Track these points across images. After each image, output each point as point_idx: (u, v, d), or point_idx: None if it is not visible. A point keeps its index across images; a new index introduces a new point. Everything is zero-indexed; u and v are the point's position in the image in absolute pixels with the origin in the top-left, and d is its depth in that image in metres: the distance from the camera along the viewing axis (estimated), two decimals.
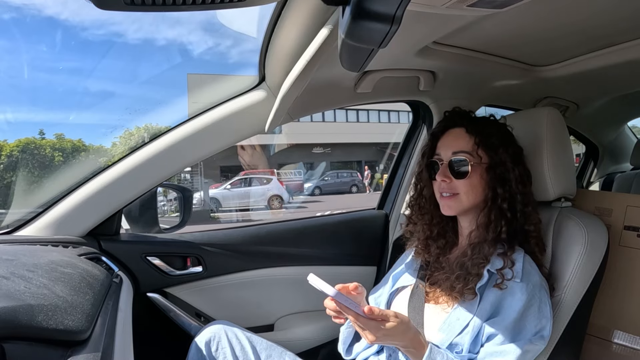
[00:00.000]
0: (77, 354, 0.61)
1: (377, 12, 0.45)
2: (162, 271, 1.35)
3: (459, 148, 1.00)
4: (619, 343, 1.21)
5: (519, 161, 1.01)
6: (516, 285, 0.91)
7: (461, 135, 1.01)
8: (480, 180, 0.99)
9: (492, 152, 0.99)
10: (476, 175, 0.99)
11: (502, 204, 0.97)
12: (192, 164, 1.31)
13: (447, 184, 1.00)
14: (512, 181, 0.98)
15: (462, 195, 1.00)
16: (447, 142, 1.03)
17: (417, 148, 1.67)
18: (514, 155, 1.00)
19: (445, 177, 1.00)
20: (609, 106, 2.06)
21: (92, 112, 19.43)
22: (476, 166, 0.98)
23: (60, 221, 1.19)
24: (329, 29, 0.79)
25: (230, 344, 1.12)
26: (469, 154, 0.99)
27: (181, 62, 23.55)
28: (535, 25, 1.06)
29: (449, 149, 1.01)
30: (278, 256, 1.51)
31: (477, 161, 0.98)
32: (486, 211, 0.99)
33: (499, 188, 0.98)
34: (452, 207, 1.02)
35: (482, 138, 0.99)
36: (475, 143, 0.99)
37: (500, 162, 0.98)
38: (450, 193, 1.01)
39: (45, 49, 20.54)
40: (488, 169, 0.99)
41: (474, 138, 0.99)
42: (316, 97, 1.31)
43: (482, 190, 1.00)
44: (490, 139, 0.99)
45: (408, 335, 0.85)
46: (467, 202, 1.00)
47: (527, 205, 0.99)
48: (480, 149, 0.99)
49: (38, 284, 0.70)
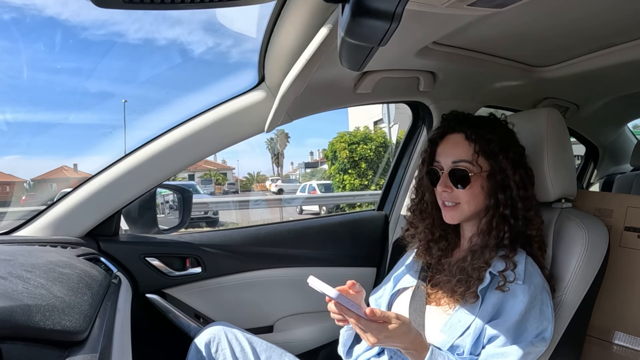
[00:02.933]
0: (74, 355, 0.60)
1: (377, 10, 0.44)
2: (161, 272, 1.34)
3: (459, 157, 0.98)
4: (619, 344, 1.20)
5: (520, 164, 1.00)
6: (518, 287, 0.91)
7: (460, 142, 1.00)
8: (481, 189, 0.98)
9: (492, 159, 0.97)
10: (477, 184, 0.98)
11: (504, 210, 0.96)
12: (192, 165, 1.30)
13: (449, 194, 1.00)
14: (513, 187, 0.97)
15: (464, 205, 0.99)
16: (447, 150, 1.02)
17: (416, 149, 1.67)
18: (515, 159, 0.99)
19: (447, 187, 0.99)
20: (609, 107, 2.06)
21: (91, 112, 19.54)
22: (476, 175, 0.97)
23: (58, 222, 1.19)
24: (328, 28, 0.79)
25: (230, 345, 1.12)
26: (470, 163, 0.97)
27: (181, 62, 23.64)
28: (535, 26, 1.06)
29: (449, 158, 1.00)
30: (277, 257, 1.50)
31: (478, 170, 0.97)
32: (488, 218, 0.98)
33: (500, 194, 0.97)
34: (454, 217, 1.01)
35: (482, 145, 0.97)
36: (475, 151, 0.97)
37: (501, 170, 0.97)
38: (453, 203, 1.00)
39: (44, 48, 20.60)
40: (489, 177, 0.98)
41: (474, 145, 0.98)
42: (316, 97, 1.31)
43: (483, 199, 0.99)
44: (490, 145, 0.97)
45: (409, 337, 0.85)
46: (469, 210, 1.00)
47: (529, 210, 0.98)
48: (481, 157, 0.97)
49: (36, 284, 0.70)
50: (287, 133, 50.17)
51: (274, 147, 50.75)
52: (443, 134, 1.04)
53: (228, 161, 45.59)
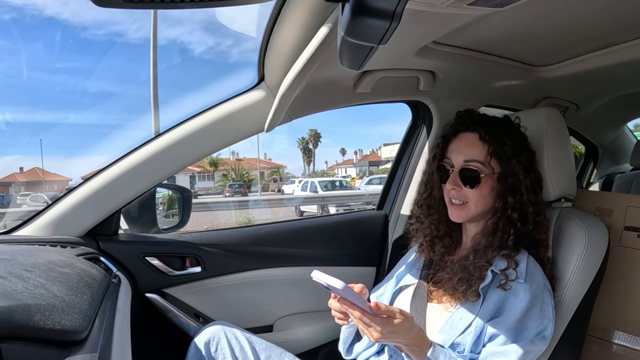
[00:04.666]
0: (74, 354, 0.60)
1: (377, 9, 0.44)
2: (161, 271, 1.34)
3: (471, 157, 0.98)
4: (619, 344, 1.20)
5: (531, 168, 1.00)
6: (520, 286, 0.91)
7: (474, 142, 0.99)
8: (491, 191, 0.98)
9: (504, 162, 0.97)
10: (487, 185, 0.97)
11: (512, 213, 0.96)
12: (191, 164, 1.30)
13: (457, 192, 0.99)
14: (524, 192, 0.96)
15: (471, 204, 0.99)
16: (459, 148, 1.01)
17: (416, 149, 1.67)
18: (527, 164, 0.99)
19: (456, 186, 0.99)
20: (609, 106, 2.06)
21: (90, 111, 19.52)
22: (487, 177, 0.97)
23: (58, 221, 1.19)
24: (328, 27, 0.79)
25: (229, 345, 1.12)
26: (482, 164, 0.97)
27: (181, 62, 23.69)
28: (534, 25, 1.06)
29: (461, 156, 0.99)
30: (277, 256, 1.50)
31: (489, 172, 0.97)
32: (495, 219, 0.98)
33: (509, 198, 0.96)
34: (460, 216, 1.01)
35: (496, 147, 0.96)
36: (488, 153, 0.96)
37: (512, 173, 0.97)
38: (460, 201, 1.00)
39: (43, 48, 20.62)
40: (499, 179, 0.97)
41: (487, 147, 0.97)
42: (315, 97, 1.31)
43: (492, 200, 0.99)
44: (504, 148, 0.97)
45: (412, 332, 0.85)
46: (476, 210, 0.99)
47: (539, 214, 0.98)
48: (493, 159, 0.97)
49: (35, 284, 0.70)
50: (319, 133, 50.65)
51: (305, 147, 51.31)
52: (456, 132, 1.03)
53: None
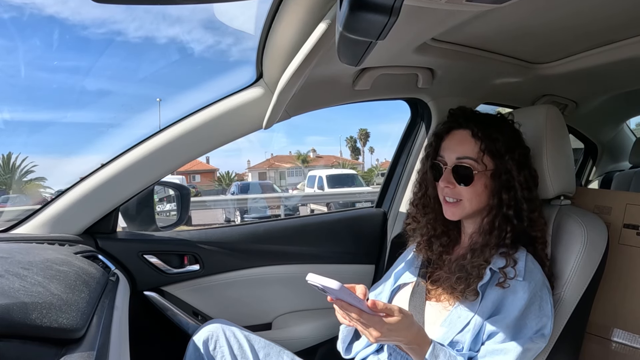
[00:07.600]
0: (71, 353, 0.60)
1: (375, 3, 0.44)
2: (159, 269, 1.34)
3: (464, 154, 0.98)
4: (618, 341, 1.20)
5: (525, 165, 0.99)
6: (518, 284, 0.90)
7: (466, 139, 0.99)
8: (485, 188, 0.98)
9: (497, 159, 0.97)
10: (480, 182, 0.97)
11: (508, 210, 0.96)
12: (190, 162, 1.30)
13: (451, 190, 0.99)
14: (518, 188, 0.96)
15: (465, 202, 0.99)
16: (452, 146, 1.01)
17: (415, 146, 1.67)
18: (520, 160, 0.98)
19: (449, 183, 0.99)
20: (608, 104, 2.06)
21: (88, 110, 19.45)
22: (481, 174, 0.97)
23: (56, 219, 1.19)
24: (326, 23, 0.79)
25: (228, 343, 1.12)
26: (474, 160, 0.97)
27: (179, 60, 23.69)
28: (533, 22, 1.06)
29: (453, 153, 0.99)
30: (276, 254, 1.50)
31: (482, 169, 0.97)
32: (491, 217, 0.98)
33: (504, 194, 0.96)
34: (455, 214, 1.01)
35: (488, 144, 0.96)
36: (481, 150, 0.96)
37: (506, 170, 0.96)
38: (454, 199, 0.99)
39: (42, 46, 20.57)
40: (493, 176, 0.97)
41: (480, 144, 0.97)
42: (314, 94, 1.31)
43: (486, 197, 0.98)
44: (496, 144, 0.96)
45: (412, 330, 0.84)
46: (470, 208, 0.99)
47: (534, 211, 0.97)
48: (486, 156, 0.97)
49: (33, 282, 0.70)
50: (368, 132, 51.01)
51: (353, 145, 51.41)
52: (449, 129, 1.03)
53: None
